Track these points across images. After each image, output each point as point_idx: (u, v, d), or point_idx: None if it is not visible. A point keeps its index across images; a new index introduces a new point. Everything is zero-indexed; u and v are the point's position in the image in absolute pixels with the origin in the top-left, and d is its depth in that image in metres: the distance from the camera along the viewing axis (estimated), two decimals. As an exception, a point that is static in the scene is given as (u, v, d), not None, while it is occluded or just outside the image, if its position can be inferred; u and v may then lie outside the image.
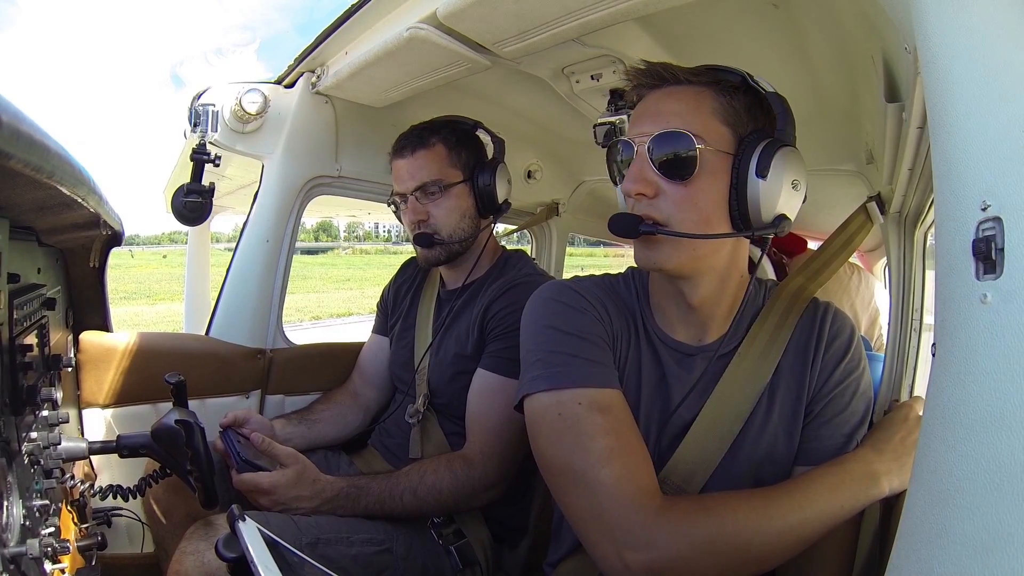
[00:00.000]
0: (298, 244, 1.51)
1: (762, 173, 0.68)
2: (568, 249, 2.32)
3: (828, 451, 0.76)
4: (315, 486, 1.01)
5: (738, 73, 0.73)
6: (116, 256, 1.23)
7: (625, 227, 0.70)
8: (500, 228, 2.25)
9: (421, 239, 1.19)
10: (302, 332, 9.10)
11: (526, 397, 0.74)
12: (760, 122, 0.73)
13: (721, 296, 0.78)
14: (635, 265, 0.77)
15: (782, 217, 0.71)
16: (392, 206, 1.26)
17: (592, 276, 0.87)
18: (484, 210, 1.22)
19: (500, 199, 1.22)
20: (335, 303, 13.81)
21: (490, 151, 1.28)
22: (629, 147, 0.73)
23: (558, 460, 0.69)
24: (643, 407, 0.78)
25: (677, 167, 0.69)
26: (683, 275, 0.74)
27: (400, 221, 1.26)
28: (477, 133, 1.28)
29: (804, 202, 0.74)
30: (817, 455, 0.76)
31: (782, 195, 0.69)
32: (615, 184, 0.78)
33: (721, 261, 0.75)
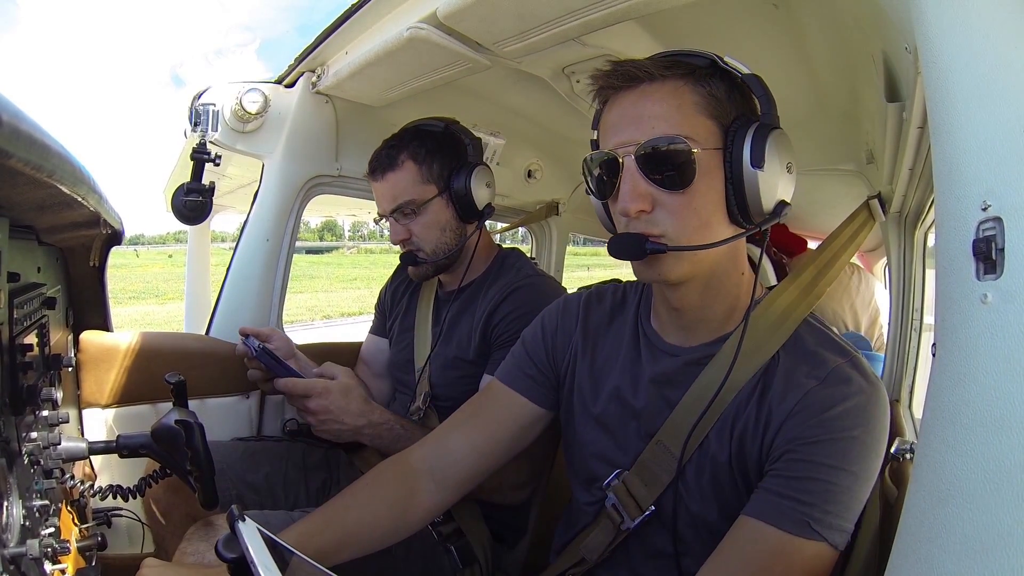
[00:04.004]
0: (302, 243, 1.52)
1: (758, 163, 0.64)
2: (573, 249, 2.32)
3: (768, 509, 0.64)
4: (365, 405, 1.03)
5: (706, 56, 0.67)
6: (121, 256, 1.23)
7: (629, 250, 0.66)
8: (500, 225, 2.27)
9: (406, 258, 1.20)
10: (313, 331, 9.19)
11: None
12: (741, 107, 0.68)
13: (712, 298, 0.73)
14: None
15: (783, 203, 0.67)
16: (378, 225, 1.27)
17: (590, 288, 0.92)
18: (466, 217, 1.19)
19: (480, 204, 1.18)
20: (345, 302, 13.92)
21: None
22: (612, 160, 0.67)
23: None
24: (610, 390, 0.81)
25: (673, 176, 0.64)
26: (682, 282, 0.71)
27: None
28: (454, 133, 1.23)
29: (803, 200, 0.73)
30: (757, 506, 0.65)
31: (780, 181, 0.66)
32: (598, 198, 0.74)
33: (718, 263, 0.71)
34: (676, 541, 0.75)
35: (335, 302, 14.10)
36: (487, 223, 1.26)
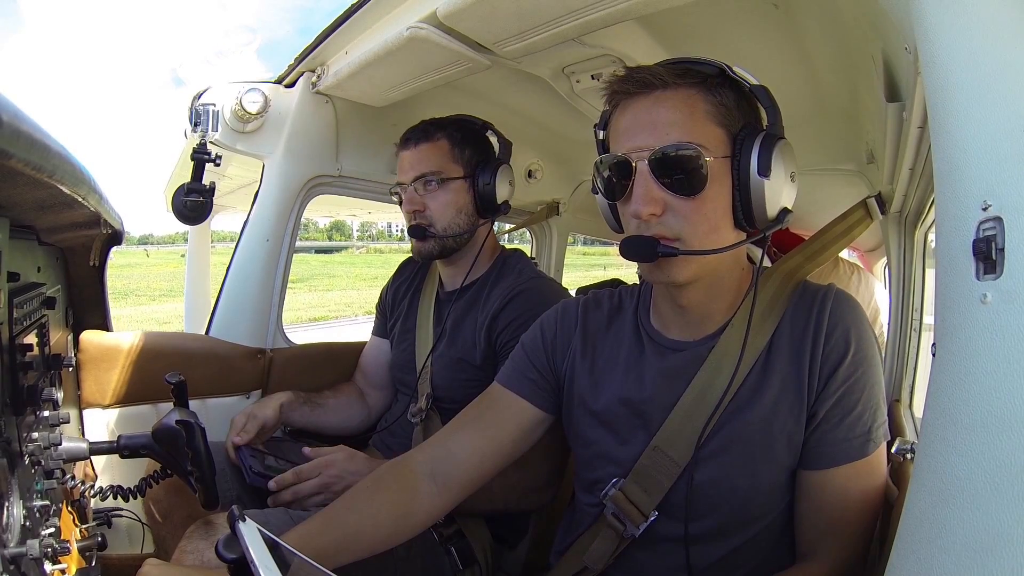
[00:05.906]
0: (312, 243, 1.52)
1: (764, 172, 0.66)
2: (584, 249, 2.32)
3: (841, 455, 0.70)
4: (369, 463, 1.04)
5: (716, 65, 0.69)
6: (131, 255, 1.23)
7: (642, 252, 0.68)
8: (507, 226, 2.27)
9: (415, 231, 1.21)
10: (359, 327, 9.44)
11: None
12: (748, 116, 0.71)
13: (715, 295, 0.76)
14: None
15: (786, 211, 0.70)
16: (394, 196, 1.26)
17: (587, 293, 0.93)
18: (483, 209, 1.22)
19: (500, 200, 1.22)
20: (376, 299, 14.26)
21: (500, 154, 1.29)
22: (625, 164, 0.69)
23: None
24: (612, 388, 0.82)
25: (687, 182, 0.66)
26: (690, 283, 0.73)
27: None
28: (487, 135, 1.28)
29: (803, 200, 0.74)
30: (830, 459, 0.71)
31: (784, 189, 0.69)
32: (607, 199, 0.75)
33: (722, 263, 0.74)
34: (687, 527, 0.75)
35: (369, 299, 14.55)
36: (494, 225, 1.28)
